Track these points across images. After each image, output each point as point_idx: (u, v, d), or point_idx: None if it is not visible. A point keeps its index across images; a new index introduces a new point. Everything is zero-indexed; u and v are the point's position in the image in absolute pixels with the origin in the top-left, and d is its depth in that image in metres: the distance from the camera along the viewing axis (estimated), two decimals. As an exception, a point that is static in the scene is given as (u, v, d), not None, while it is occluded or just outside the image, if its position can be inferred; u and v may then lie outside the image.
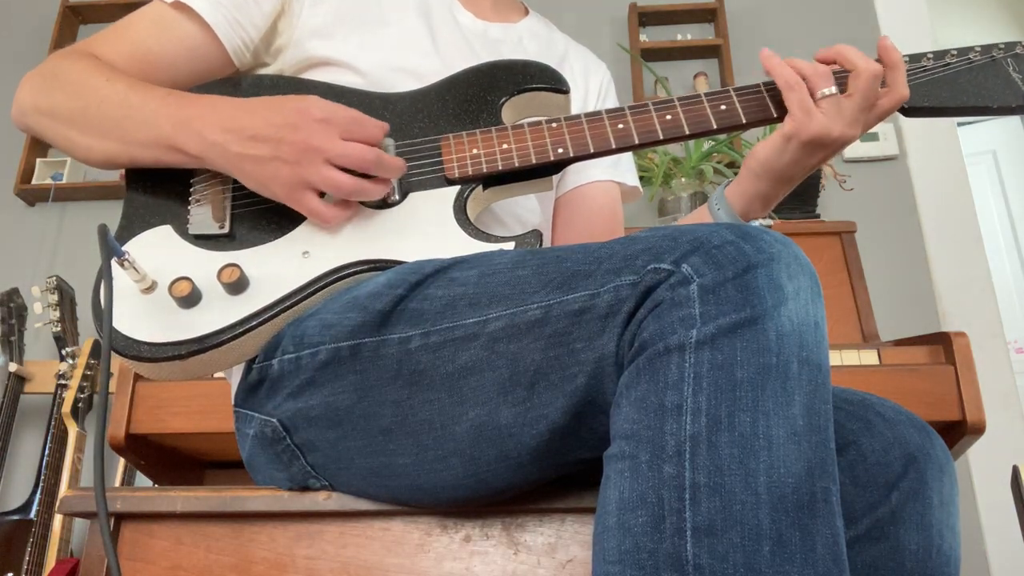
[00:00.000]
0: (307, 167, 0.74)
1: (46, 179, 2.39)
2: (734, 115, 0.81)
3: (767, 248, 0.56)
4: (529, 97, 0.88)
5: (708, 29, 2.49)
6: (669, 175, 1.89)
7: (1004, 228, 3.62)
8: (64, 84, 0.84)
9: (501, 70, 0.88)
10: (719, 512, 0.50)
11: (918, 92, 0.81)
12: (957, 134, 2.28)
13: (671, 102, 0.82)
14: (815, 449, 0.52)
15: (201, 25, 0.88)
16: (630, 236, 0.63)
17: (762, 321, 0.53)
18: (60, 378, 1.96)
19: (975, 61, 0.81)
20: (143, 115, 0.79)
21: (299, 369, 0.73)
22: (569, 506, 0.75)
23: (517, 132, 0.83)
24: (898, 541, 0.66)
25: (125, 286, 0.76)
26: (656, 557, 0.50)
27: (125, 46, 0.88)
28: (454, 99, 0.87)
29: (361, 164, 0.75)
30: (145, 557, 0.79)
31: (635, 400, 0.55)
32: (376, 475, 0.72)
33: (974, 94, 0.80)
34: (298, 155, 0.73)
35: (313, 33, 0.91)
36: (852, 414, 0.72)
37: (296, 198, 0.76)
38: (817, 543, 0.50)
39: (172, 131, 0.77)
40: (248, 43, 0.90)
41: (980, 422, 1.34)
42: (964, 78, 0.81)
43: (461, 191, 0.81)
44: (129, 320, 0.74)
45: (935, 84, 0.81)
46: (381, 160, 0.76)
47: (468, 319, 0.65)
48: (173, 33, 0.88)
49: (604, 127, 0.82)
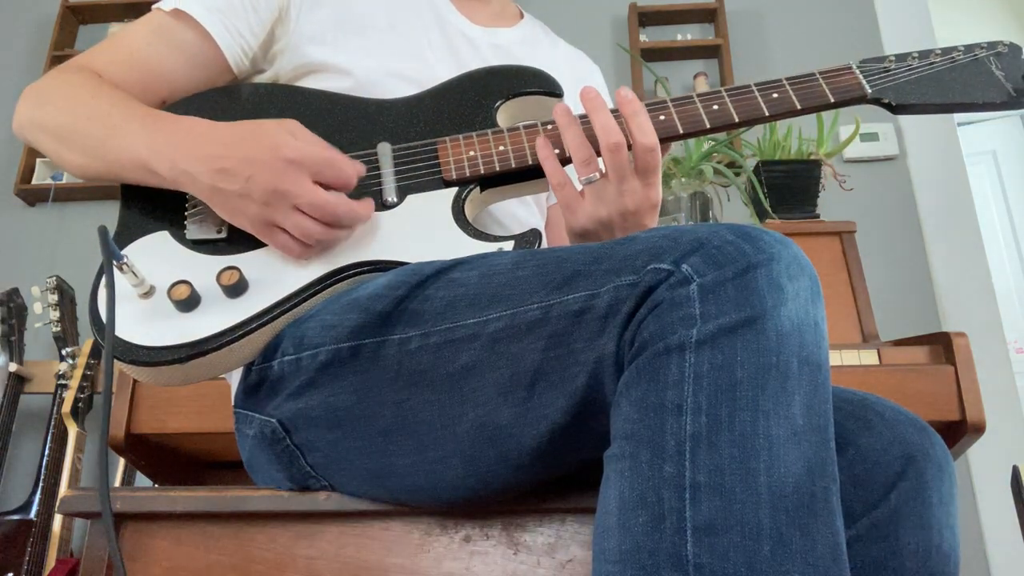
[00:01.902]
0: (275, 209, 0.73)
1: (46, 179, 2.40)
2: (727, 115, 0.82)
3: (767, 248, 0.56)
4: (523, 101, 0.88)
5: (708, 29, 2.49)
6: (669, 175, 1.89)
7: (1004, 228, 3.63)
8: (55, 99, 0.84)
9: (495, 75, 0.89)
10: (719, 512, 0.50)
11: (905, 90, 0.83)
12: (957, 134, 2.28)
13: (663, 103, 0.83)
14: (815, 448, 0.53)
15: (200, 33, 0.88)
16: (630, 236, 0.63)
17: (762, 321, 0.54)
18: (60, 378, 1.96)
19: (958, 60, 0.83)
20: (122, 136, 0.79)
21: (299, 370, 0.73)
22: (569, 506, 0.75)
23: (513, 134, 0.83)
24: (898, 541, 0.66)
25: (123, 291, 0.75)
26: (656, 557, 0.50)
27: (122, 56, 0.88)
28: (449, 104, 0.87)
29: (330, 218, 0.74)
30: (145, 557, 0.79)
31: (635, 400, 0.55)
32: (376, 476, 0.72)
33: (960, 91, 0.82)
34: (266, 196, 0.73)
35: (309, 39, 0.91)
36: (851, 414, 0.72)
37: (264, 234, 0.76)
38: (817, 542, 0.50)
39: (148, 155, 0.77)
40: (247, 50, 0.90)
41: (980, 422, 1.34)
42: (949, 76, 0.83)
43: (459, 192, 0.82)
44: (128, 325, 0.74)
45: (921, 82, 0.83)
46: (351, 212, 0.75)
47: (468, 320, 0.65)
48: (172, 42, 0.88)
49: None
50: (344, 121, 0.86)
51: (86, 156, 0.81)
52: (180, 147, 0.76)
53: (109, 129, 0.79)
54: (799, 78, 0.83)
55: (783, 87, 0.82)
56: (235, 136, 0.75)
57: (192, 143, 0.76)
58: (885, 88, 0.82)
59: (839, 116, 1.83)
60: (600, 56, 1.19)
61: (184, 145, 0.76)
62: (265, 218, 0.74)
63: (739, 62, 2.37)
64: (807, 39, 2.41)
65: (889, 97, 0.82)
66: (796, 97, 0.82)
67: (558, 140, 0.81)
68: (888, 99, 0.82)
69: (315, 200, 0.73)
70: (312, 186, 0.73)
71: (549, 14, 1.16)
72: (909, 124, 2.29)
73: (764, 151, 1.83)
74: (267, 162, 0.72)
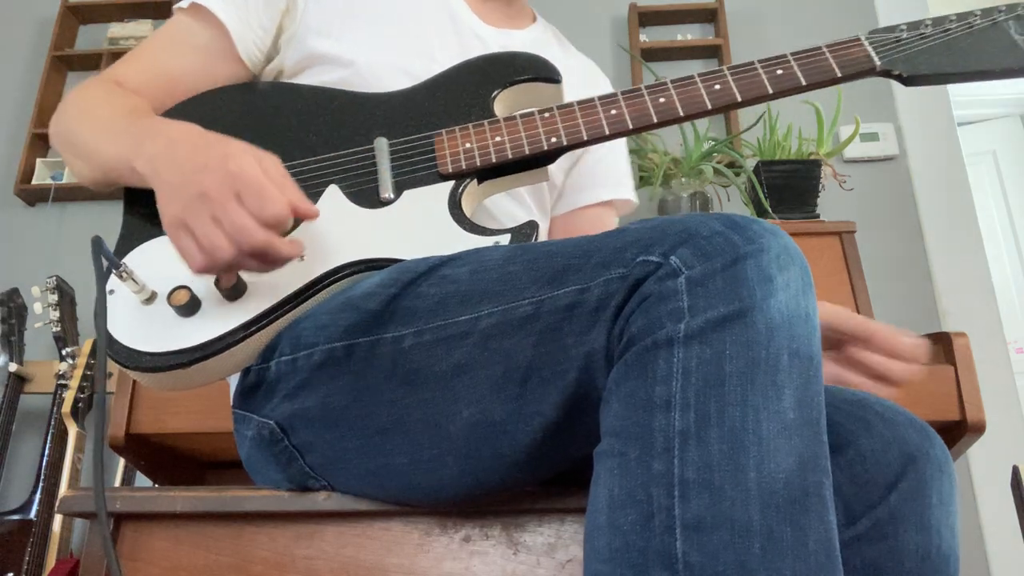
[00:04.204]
0: (194, 213, 0.68)
1: (46, 179, 2.39)
2: (728, 94, 0.79)
3: (756, 239, 0.56)
4: (520, 89, 0.87)
5: (708, 29, 2.49)
6: (669, 175, 1.89)
7: (1004, 228, 3.62)
8: (71, 110, 0.88)
9: (491, 63, 0.88)
10: (708, 508, 0.49)
11: (918, 60, 0.78)
12: (957, 134, 2.28)
13: (664, 85, 0.81)
14: (806, 443, 0.52)
15: (216, 28, 0.90)
16: (620, 228, 0.63)
17: (751, 314, 0.53)
18: (60, 378, 1.96)
19: (975, 25, 0.78)
20: (114, 142, 0.80)
21: (295, 371, 0.73)
22: (569, 506, 0.75)
23: (509, 123, 0.82)
24: (897, 541, 0.66)
25: (126, 297, 0.76)
26: (646, 555, 0.50)
27: (142, 64, 0.92)
28: (445, 95, 0.87)
29: (244, 245, 0.67)
30: (145, 557, 0.79)
31: (624, 396, 0.55)
32: (374, 475, 0.72)
33: (976, 59, 0.77)
34: (190, 199, 0.69)
35: (316, 31, 0.91)
36: (851, 414, 0.72)
37: (173, 233, 0.71)
38: (809, 538, 0.50)
39: (132, 157, 0.77)
40: (259, 45, 0.92)
41: (980, 422, 1.33)
42: (964, 43, 0.78)
43: (456, 186, 0.81)
44: (130, 331, 0.74)
45: (935, 51, 0.78)
46: (267, 245, 0.68)
47: (460, 316, 0.65)
48: (188, 43, 0.91)
49: (597, 113, 0.81)
50: (341, 117, 0.86)
51: (88, 163, 0.84)
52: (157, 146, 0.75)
53: (108, 134, 0.81)
54: (804, 52, 0.79)
55: (788, 62, 0.80)
56: (205, 143, 0.73)
57: (166, 144, 0.75)
58: (895, 59, 0.78)
59: (839, 116, 1.83)
60: (600, 56, 1.19)
61: (159, 145, 0.75)
62: (182, 218, 0.69)
63: (739, 62, 2.37)
64: (807, 39, 2.40)
65: (900, 68, 0.78)
66: (801, 72, 0.79)
67: (555, 128, 0.81)
68: (899, 70, 0.78)
69: (234, 219, 0.67)
70: (235, 206, 0.67)
71: (549, 14, 1.15)
72: (909, 124, 2.29)
73: (764, 151, 1.83)
74: (211, 168, 0.69)
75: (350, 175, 0.82)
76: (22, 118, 2.49)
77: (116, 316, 0.75)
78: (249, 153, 0.70)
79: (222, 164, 0.69)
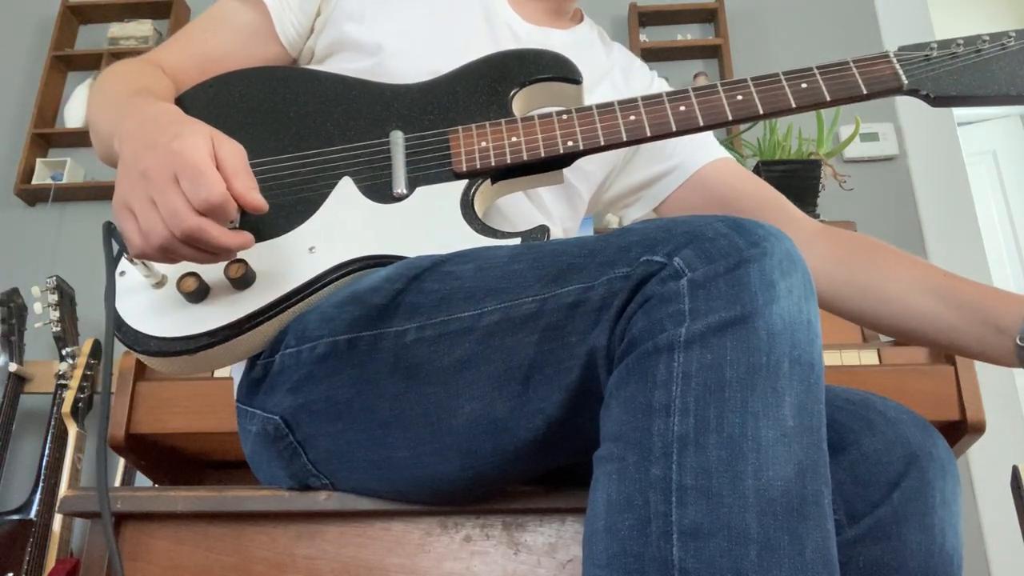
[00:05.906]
0: (134, 194, 0.66)
1: (46, 179, 2.40)
2: (751, 106, 0.78)
3: (760, 242, 0.55)
4: (540, 88, 0.86)
5: (708, 29, 2.49)
6: (669, 175, 1.88)
7: (1004, 228, 3.62)
8: (96, 84, 0.91)
9: (512, 59, 0.86)
10: (706, 515, 0.49)
11: (946, 81, 0.76)
12: (957, 134, 2.28)
13: (685, 92, 0.79)
14: (806, 451, 0.52)
15: (258, 12, 0.92)
16: (626, 227, 0.62)
17: (753, 319, 0.52)
18: (60, 378, 1.96)
19: (1009, 47, 0.76)
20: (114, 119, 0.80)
21: (299, 363, 0.73)
22: (569, 506, 0.74)
23: (527, 124, 0.81)
24: (900, 540, 0.66)
25: (136, 282, 0.76)
26: (643, 561, 0.50)
27: (181, 44, 0.94)
28: (464, 90, 0.85)
29: (179, 230, 0.64)
30: (145, 557, 0.78)
31: (624, 400, 0.54)
32: (376, 468, 0.72)
33: (1006, 82, 0.74)
34: (136, 177, 0.66)
35: (349, 15, 0.92)
36: (854, 413, 0.72)
37: (116, 213, 0.68)
38: (806, 547, 0.49)
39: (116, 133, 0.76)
40: (298, 26, 0.93)
41: (980, 422, 1.34)
42: (996, 65, 0.75)
43: (469, 185, 0.80)
44: (139, 315, 0.74)
45: (964, 72, 0.76)
46: (201, 232, 0.64)
47: (463, 312, 0.65)
48: (228, 23, 0.93)
49: (616, 119, 0.79)
50: (358, 107, 0.85)
51: (95, 138, 0.87)
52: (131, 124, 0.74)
53: (108, 110, 0.83)
54: (831, 67, 0.77)
55: (813, 76, 0.77)
56: (168, 122, 0.71)
57: (139, 123, 0.73)
58: (923, 79, 0.76)
59: (839, 116, 1.83)
60: (600, 56, 1.18)
61: (133, 123, 0.74)
62: (126, 199, 0.67)
63: (739, 62, 2.37)
64: (807, 39, 2.41)
65: (927, 88, 0.75)
66: (827, 88, 0.76)
67: (573, 131, 0.80)
68: (926, 91, 0.75)
69: (167, 201, 0.64)
70: (172, 186, 0.64)
71: (550, 13, 1.15)
72: (909, 124, 2.29)
73: (764, 151, 1.83)
74: (158, 147, 0.66)
75: (364, 168, 0.81)
76: (22, 118, 2.49)
77: (126, 298, 0.75)
78: (202, 135, 0.66)
79: (167, 144, 0.66)
